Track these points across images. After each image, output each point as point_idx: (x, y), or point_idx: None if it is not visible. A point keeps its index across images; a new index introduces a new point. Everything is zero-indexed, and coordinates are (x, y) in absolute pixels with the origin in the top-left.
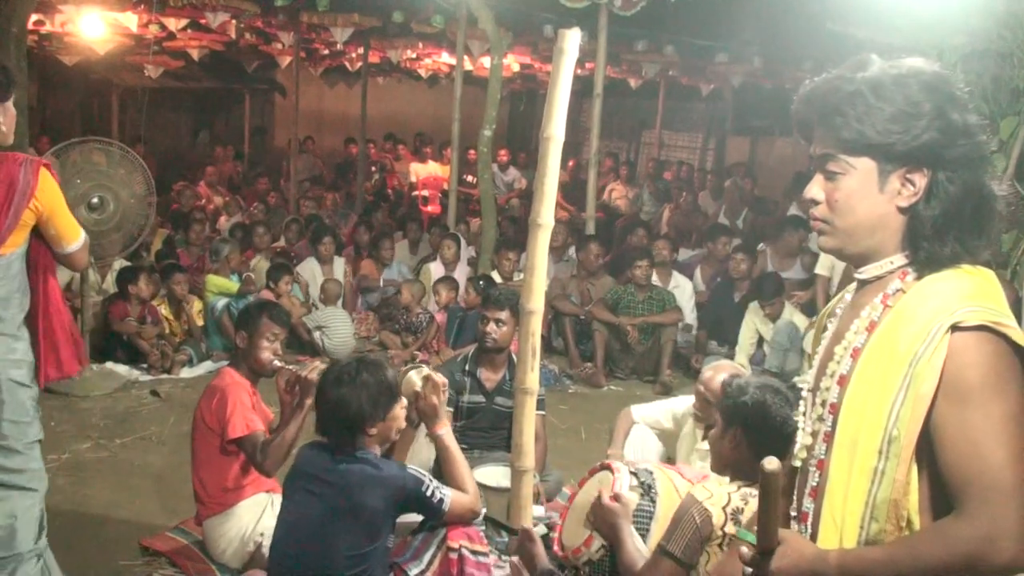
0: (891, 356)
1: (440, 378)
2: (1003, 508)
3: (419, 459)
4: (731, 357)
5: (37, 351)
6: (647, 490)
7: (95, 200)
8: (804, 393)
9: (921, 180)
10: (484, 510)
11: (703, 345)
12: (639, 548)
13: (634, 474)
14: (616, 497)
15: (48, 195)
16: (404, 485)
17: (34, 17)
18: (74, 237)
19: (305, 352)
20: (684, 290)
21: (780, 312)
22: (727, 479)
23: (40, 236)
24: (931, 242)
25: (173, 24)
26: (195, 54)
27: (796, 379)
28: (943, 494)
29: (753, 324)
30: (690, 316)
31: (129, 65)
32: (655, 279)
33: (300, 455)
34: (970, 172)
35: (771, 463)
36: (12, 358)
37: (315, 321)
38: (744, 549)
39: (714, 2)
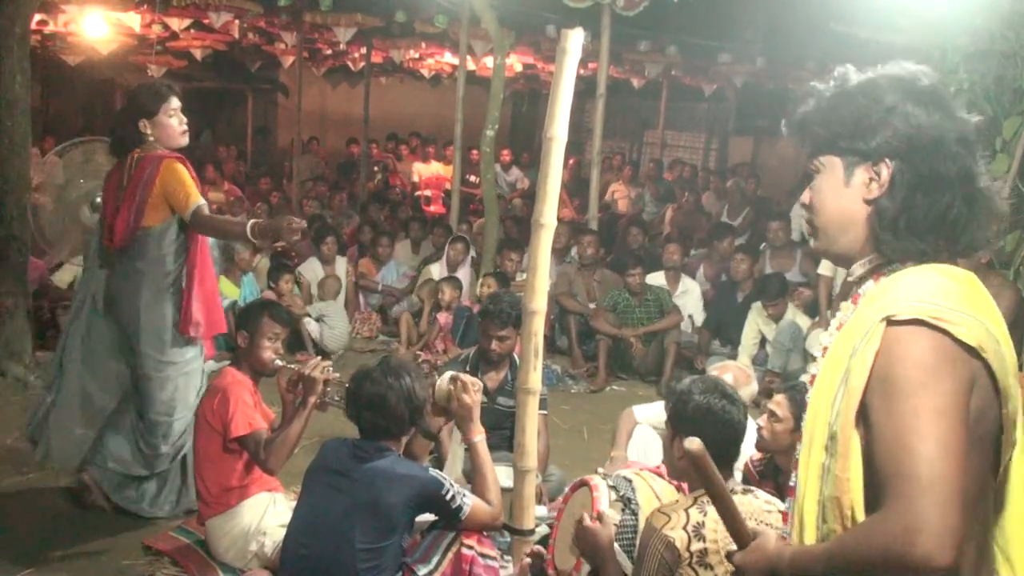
0: (842, 353)
1: (469, 377)
2: (920, 501)
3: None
4: (734, 357)
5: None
6: (627, 503)
7: (98, 200)
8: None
9: (886, 172)
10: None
11: (706, 346)
12: (623, 568)
13: (613, 487)
14: (599, 516)
15: (166, 180)
16: (424, 486)
17: (37, 17)
18: (185, 208)
19: (305, 352)
20: (692, 294)
21: (783, 312)
22: (683, 494)
23: None
24: (893, 236)
25: (176, 24)
26: (198, 54)
27: (803, 377)
28: None
29: (756, 324)
30: (700, 320)
31: (132, 65)
32: (663, 282)
33: (324, 450)
34: (929, 164)
35: (692, 443)
36: (156, 304)
37: (316, 311)
38: (731, 547)
39: (717, 2)
